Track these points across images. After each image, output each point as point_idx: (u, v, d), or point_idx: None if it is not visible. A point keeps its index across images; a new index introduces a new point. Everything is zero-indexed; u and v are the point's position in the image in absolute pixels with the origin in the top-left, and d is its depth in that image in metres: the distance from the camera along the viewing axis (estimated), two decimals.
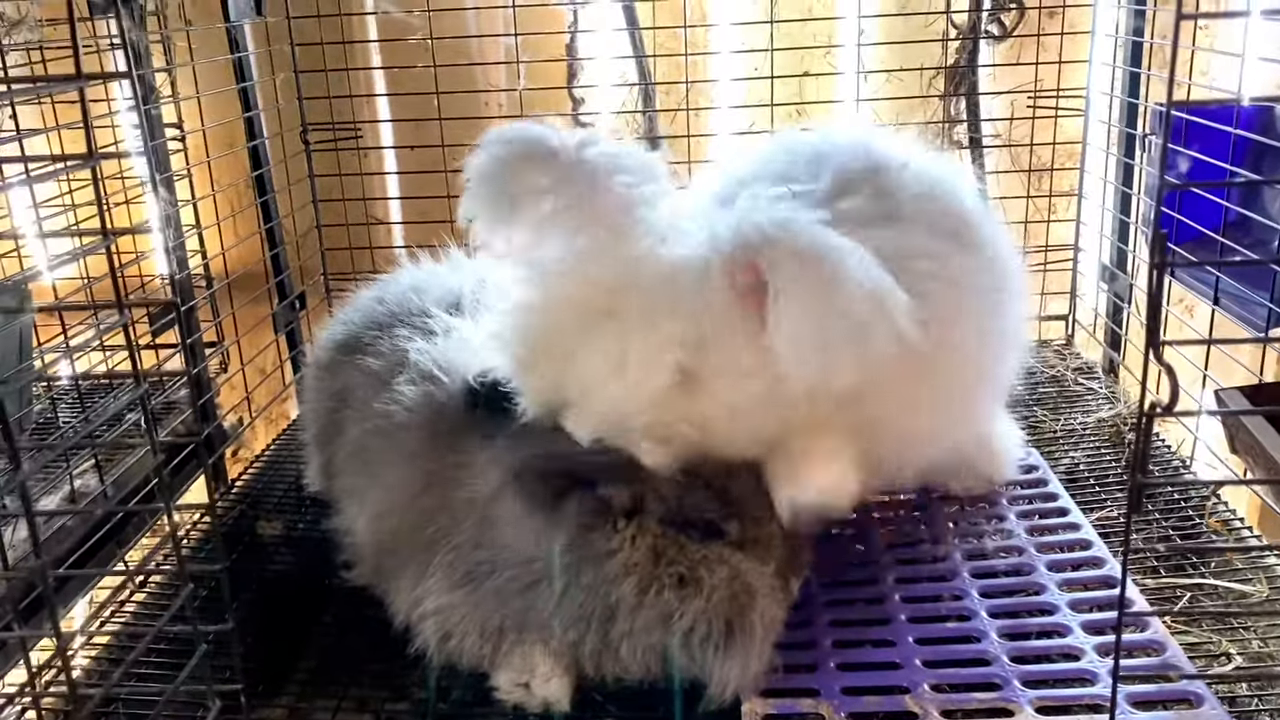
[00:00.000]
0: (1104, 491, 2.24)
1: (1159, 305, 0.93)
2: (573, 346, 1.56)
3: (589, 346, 1.54)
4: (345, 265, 3.26)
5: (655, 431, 1.57)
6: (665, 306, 1.52)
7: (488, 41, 3.20)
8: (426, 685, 1.74)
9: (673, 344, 1.51)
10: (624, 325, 1.52)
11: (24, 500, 0.98)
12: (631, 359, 1.52)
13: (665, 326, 1.51)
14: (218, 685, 1.11)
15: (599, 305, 1.54)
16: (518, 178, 1.54)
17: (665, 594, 1.59)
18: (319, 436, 2.20)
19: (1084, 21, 3.02)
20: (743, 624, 1.58)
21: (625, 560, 1.60)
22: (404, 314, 2.06)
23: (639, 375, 1.52)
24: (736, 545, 1.63)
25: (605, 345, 1.53)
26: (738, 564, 1.61)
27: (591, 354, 1.54)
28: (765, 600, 1.61)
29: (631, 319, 1.52)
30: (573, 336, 1.56)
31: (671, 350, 1.51)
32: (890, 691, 1.63)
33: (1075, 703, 1.59)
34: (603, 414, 1.57)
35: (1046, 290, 3.17)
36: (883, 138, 1.93)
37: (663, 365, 1.51)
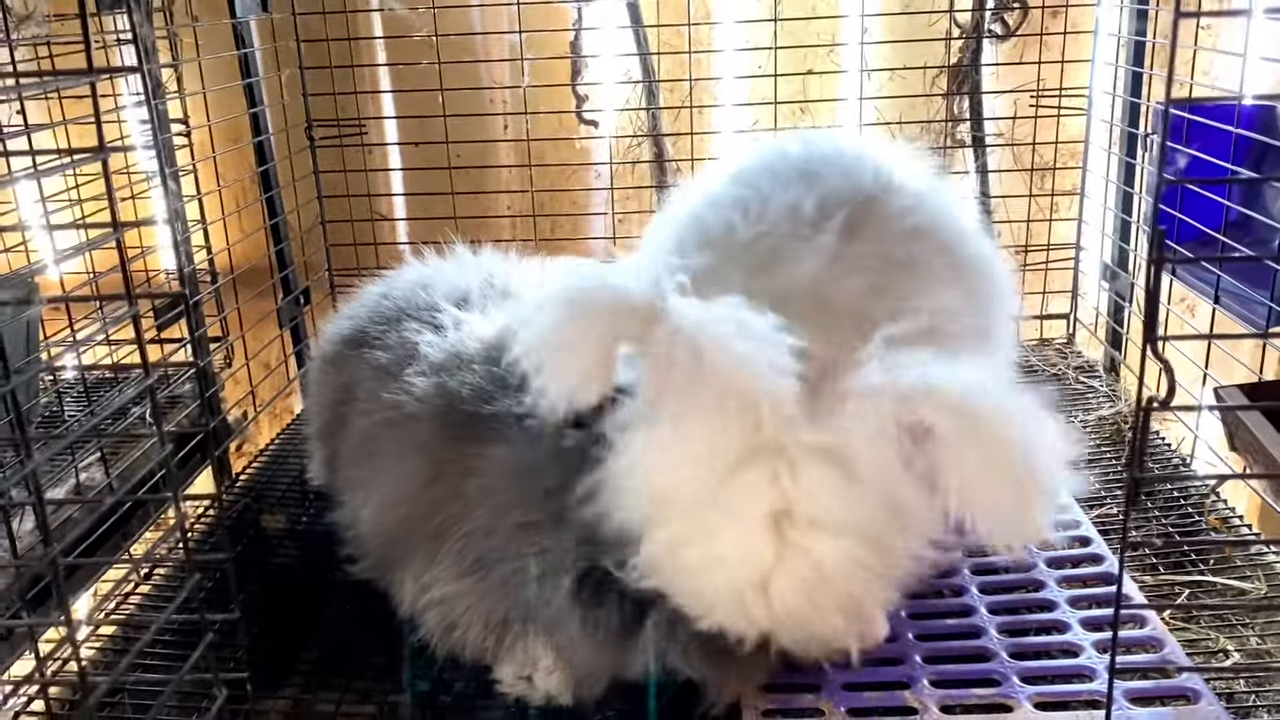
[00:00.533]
0: (1104, 489, 2.25)
1: (1156, 301, 0.94)
2: (685, 533, 1.42)
3: (694, 540, 1.42)
4: (350, 261, 3.27)
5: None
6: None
7: (492, 38, 3.21)
8: (410, 669, 1.75)
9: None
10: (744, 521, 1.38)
11: (35, 490, 0.99)
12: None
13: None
14: (223, 674, 1.13)
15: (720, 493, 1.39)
16: (588, 341, 1.39)
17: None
18: (323, 430, 2.21)
19: (1087, 21, 3.02)
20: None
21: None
22: (411, 308, 2.07)
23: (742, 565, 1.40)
24: None
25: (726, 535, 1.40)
26: None
27: (697, 548, 1.41)
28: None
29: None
30: (680, 526, 1.43)
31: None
32: (890, 687, 1.64)
33: (1074, 699, 1.60)
34: (699, 599, 1.45)
35: (1048, 289, 3.17)
36: (872, 152, 1.87)
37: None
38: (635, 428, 1.47)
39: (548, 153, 3.27)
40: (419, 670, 1.77)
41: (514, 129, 3.29)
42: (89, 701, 0.87)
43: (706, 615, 1.44)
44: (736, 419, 1.36)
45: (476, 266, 2.20)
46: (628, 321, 1.37)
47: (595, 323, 1.39)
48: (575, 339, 1.39)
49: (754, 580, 1.39)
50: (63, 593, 0.89)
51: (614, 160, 3.27)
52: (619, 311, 1.37)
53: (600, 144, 3.30)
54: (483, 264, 2.21)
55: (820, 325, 1.47)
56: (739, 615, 1.42)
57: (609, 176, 3.27)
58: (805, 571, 1.37)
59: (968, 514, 1.31)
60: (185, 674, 1.05)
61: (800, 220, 1.67)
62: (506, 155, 3.34)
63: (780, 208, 1.70)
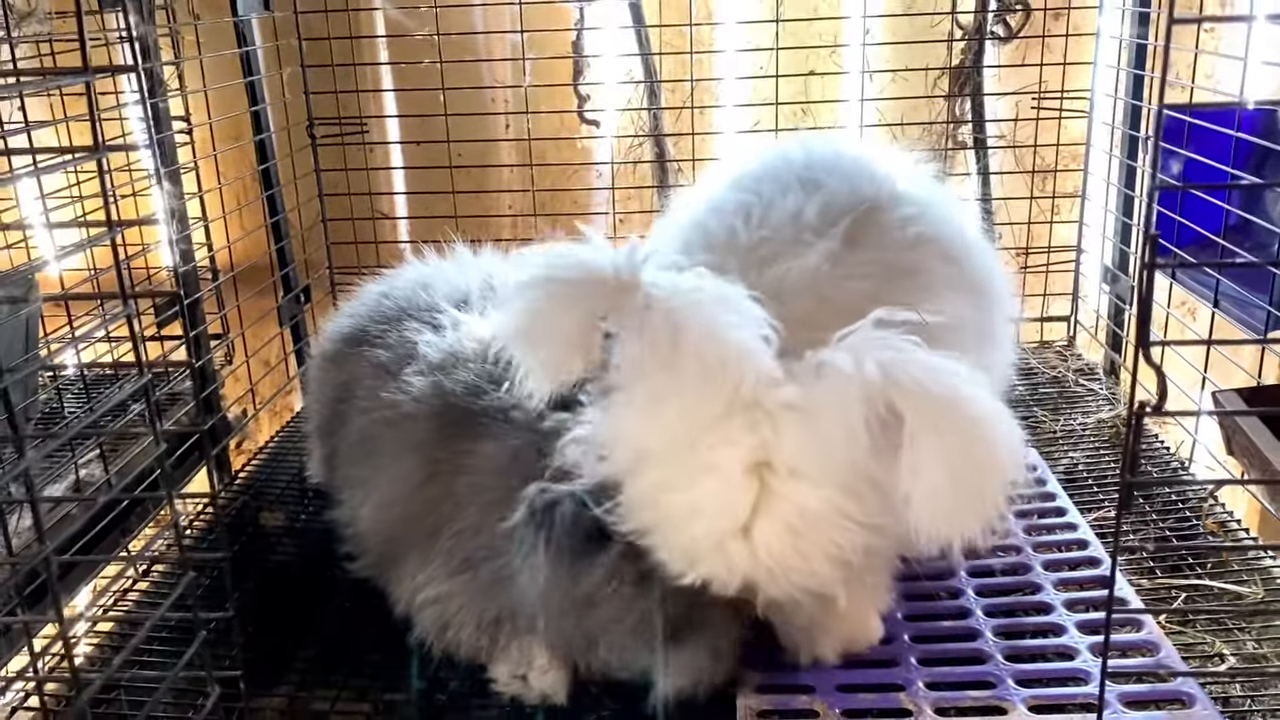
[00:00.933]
0: (1102, 492, 2.25)
1: (1149, 306, 0.94)
2: (665, 481, 1.46)
3: (676, 488, 1.45)
4: (350, 259, 3.27)
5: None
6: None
7: (494, 37, 3.21)
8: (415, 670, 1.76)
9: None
10: (728, 475, 1.41)
11: (28, 487, 0.99)
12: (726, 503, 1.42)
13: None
14: (218, 672, 1.13)
15: (699, 446, 1.43)
16: (566, 318, 1.43)
17: (624, 589, 1.58)
18: (322, 428, 2.22)
19: (1089, 24, 3.02)
20: (693, 637, 1.58)
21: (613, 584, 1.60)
22: (412, 308, 2.07)
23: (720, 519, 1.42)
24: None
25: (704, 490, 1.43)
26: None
27: (679, 496, 1.45)
28: (721, 624, 1.58)
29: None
30: (661, 474, 1.46)
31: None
32: (885, 689, 1.65)
33: (1069, 702, 1.60)
34: (683, 548, 1.47)
35: (1049, 291, 3.17)
36: (874, 158, 1.89)
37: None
38: (615, 390, 1.51)
39: (549, 152, 3.28)
40: (422, 671, 1.78)
41: (515, 128, 3.30)
42: (83, 698, 0.87)
43: (691, 567, 1.45)
44: (714, 380, 1.40)
45: (477, 267, 2.20)
46: (602, 294, 1.40)
47: (570, 298, 1.42)
48: (551, 316, 1.42)
49: (736, 528, 1.41)
50: (55, 590, 0.89)
51: (615, 160, 3.28)
52: (593, 285, 1.41)
53: (602, 144, 3.30)
54: (483, 264, 2.22)
55: (819, 328, 1.47)
56: (722, 564, 1.43)
57: (610, 176, 3.28)
58: (788, 518, 1.40)
59: (919, 498, 1.33)
60: (179, 672, 1.05)
61: (802, 226, 1.68)
62: (508, 154, 3.34)
63: (783, 214, 1.71)
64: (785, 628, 1.66)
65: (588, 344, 1.44)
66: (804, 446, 1.39)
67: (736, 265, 1.63)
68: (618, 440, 1.52)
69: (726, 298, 1.43)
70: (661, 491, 1.45)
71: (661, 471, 1.45)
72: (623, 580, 1.58)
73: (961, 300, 1.70)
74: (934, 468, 1.31)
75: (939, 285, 1.68)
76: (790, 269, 1.62)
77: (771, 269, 1.63)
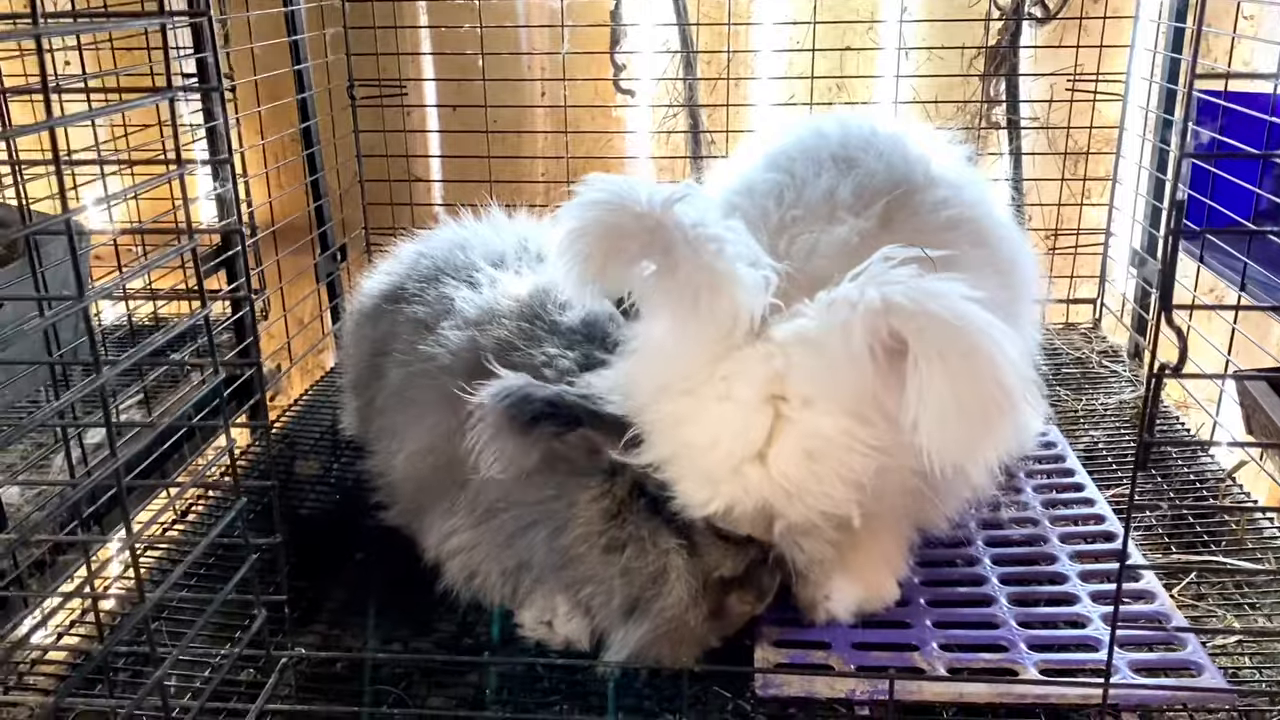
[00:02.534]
0: (1121, 469, 2.28)
1: (1173, 269, 0.97)
2: (684, 413, 1.55)
3: (694, 419, 1.54)
4: (385, 220, 3.32)
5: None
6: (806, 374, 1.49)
7: (534, 4, 3.23)
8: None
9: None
10: (739, 403, 1.51)
11: (104, 407, 1.03)
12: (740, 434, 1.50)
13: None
14: (264, 596, 1.18)
15: (715, 378, 1.53)
16: (605, 242, 1.54)
17: (593, 553, 1.64)
18: (358, 382, 2.27)
19: (1127, 6, 3.02)
20: (646, 609, 1.61)
21: (582, 510, 1.66)
22: (449, 267, 2.12)
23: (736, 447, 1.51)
24: (685, 535, 1.63)
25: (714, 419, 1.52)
26: (668, 558, 1.62)
27: (697, 425, 1.54)
28: (675, 599, 1.60)
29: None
30: (679, 405, 1.56)
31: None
32: (899, 648, 1.69)
33: (1078, 668, 1.64)
34: (702, 475, 1.55)
35: (1077, 274, 3.19)
36: (909, 139, 1.92)
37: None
38: (638, 326, 1.65)
39: (584, 120, 3.31)
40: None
41: (551, 95, 3.33)
42: (145, 607, 0.92)
43: (712, 492, 1.53)
44: (729, 312, 1.50)
45: (512, 230, 2.24)
46: (633, 223, 1.52)
47: (606, 223, 1.54)
48: (589, 236, 1.54)
49: (753, 454, 1.50)
50: (125, 503, 0.95)
51: (650, 130, 3.30)
52: (626, 214, 1.52)
53: (636, 113, 3.33)
54: (518, 227, 2.26)
55: None
56: (740, 488, 1.51)
57: (644, 146, 3.30)
58: (803, 443, 1.49)
59: (927, 422, 1.38)
60: (230, 591, 1.11)
61: (836, 204, 1.74)
62: (543, 121, 3.37)
63: (816, 192, 1.77)
64: (802, 579, 1.70)
65: (618, 268, 1.56)
66: (815, 376, 1.47)
67: (767, 241, 1.68)
68: (638, 375, 1.62)
69: (743, 238, 1.55)
70: (680, 423, 1.54)
71: (680, 404, 1.55)
72: (594, 502, 1.65)
73: (989, 283, 1.69)
74: (939, 390, 1.36)
75: (968, 268, 1.68)
76: (820, 239, 1.67)
77: (802, 239, 1.68)
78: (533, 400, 1.61)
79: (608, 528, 1.65)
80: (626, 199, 1.53)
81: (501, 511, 1.76)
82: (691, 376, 1.54)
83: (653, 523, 1.64)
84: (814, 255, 1.66)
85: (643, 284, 1.56)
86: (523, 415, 1.60)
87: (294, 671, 1.55)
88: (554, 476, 1.69)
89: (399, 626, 1.84)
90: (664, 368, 1.57)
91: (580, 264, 1.55)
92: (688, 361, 1.54)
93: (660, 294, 1.55)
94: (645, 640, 1.61)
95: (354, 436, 2.37)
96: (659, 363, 1.59)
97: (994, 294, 1.71)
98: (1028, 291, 1.98)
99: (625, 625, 1.64)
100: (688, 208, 1.53)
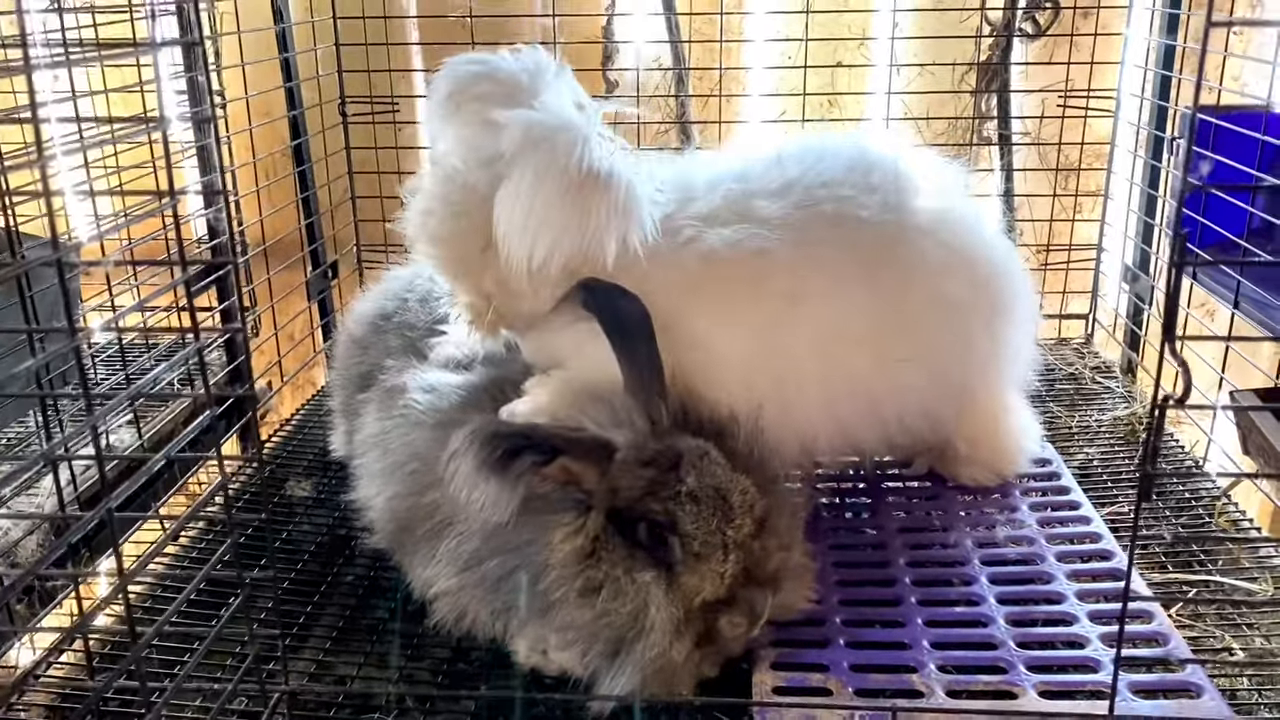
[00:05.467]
0: (1116, 487, 2.28)
1: (1176, 303, 0.97)
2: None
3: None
4: (377, 237, 3.31)
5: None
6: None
7: (525, 21, 3.23)
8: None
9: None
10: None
11: (95, 442, 1.02)
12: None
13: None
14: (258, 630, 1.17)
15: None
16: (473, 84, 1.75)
17: (570, 596, 1.61)
18: (345, 406, 2.26)
19: (1118, 23, 3.03)
20: (630, 650, 1.58)
21: (556, 550, 1.63)
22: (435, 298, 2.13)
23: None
24: (665, 566, 1.61)
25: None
26: (647, 592, 1.59)
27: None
28: (657, 636, 1.58)
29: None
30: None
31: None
32: (898, 670, 1.68)
33: (1078, 689, 1.63)
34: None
35: (1068, 289, 3.19)
36: (897, 159, 1.98)
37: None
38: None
39: None
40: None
41: None
42: (141, 648, 0.91)
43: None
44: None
45: None
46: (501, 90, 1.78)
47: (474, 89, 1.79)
48: (461, 96, 1.78)
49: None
50: (118, 541, 0.93)
51: (641, 148, 3.29)
52: (494, 81, 1.79)
53: (628, 130, 3.32)
54: None
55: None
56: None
57: None
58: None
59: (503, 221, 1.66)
60: (221, 627, 1.09)
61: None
62: None
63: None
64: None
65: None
66: None
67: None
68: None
69: (597, 151, 1.67)
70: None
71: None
72: (569, 539, 1.62)
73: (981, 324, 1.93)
74: (508, 187, 1.66)
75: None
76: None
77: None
78: (504, 435, 1.59)
79: (582, 568, 1.61)
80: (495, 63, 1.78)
81: (485, 559, 1.73)
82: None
83: (628, 558, 1.61)
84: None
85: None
86: (497, 452, 1.56)
87: (289, 702, 1.53)
88: (530, 519, 1.65)
89: (391, 652, 1.82)
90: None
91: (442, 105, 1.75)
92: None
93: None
94: (632, 683, 1.58)
95: (343, 458, 2.35)
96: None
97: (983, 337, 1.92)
98: (1025, 331, 2.06)
99: (611, 668, 1.60)
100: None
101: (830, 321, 1.83)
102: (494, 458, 1.55)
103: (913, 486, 2.27)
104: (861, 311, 1.84)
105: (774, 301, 1.80)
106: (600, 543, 1.62)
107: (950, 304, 1.90)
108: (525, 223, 1.61)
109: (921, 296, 1.88)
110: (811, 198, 1.85)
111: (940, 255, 1.89)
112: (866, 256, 1.86)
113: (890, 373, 1.87)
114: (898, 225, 1.88)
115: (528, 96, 1.73)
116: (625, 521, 1.63)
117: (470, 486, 1.56)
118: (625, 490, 1.63)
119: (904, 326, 1.87)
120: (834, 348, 1.83)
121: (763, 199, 1.84)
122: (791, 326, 1.81)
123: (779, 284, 1.80)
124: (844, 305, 1.83)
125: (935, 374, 1.93)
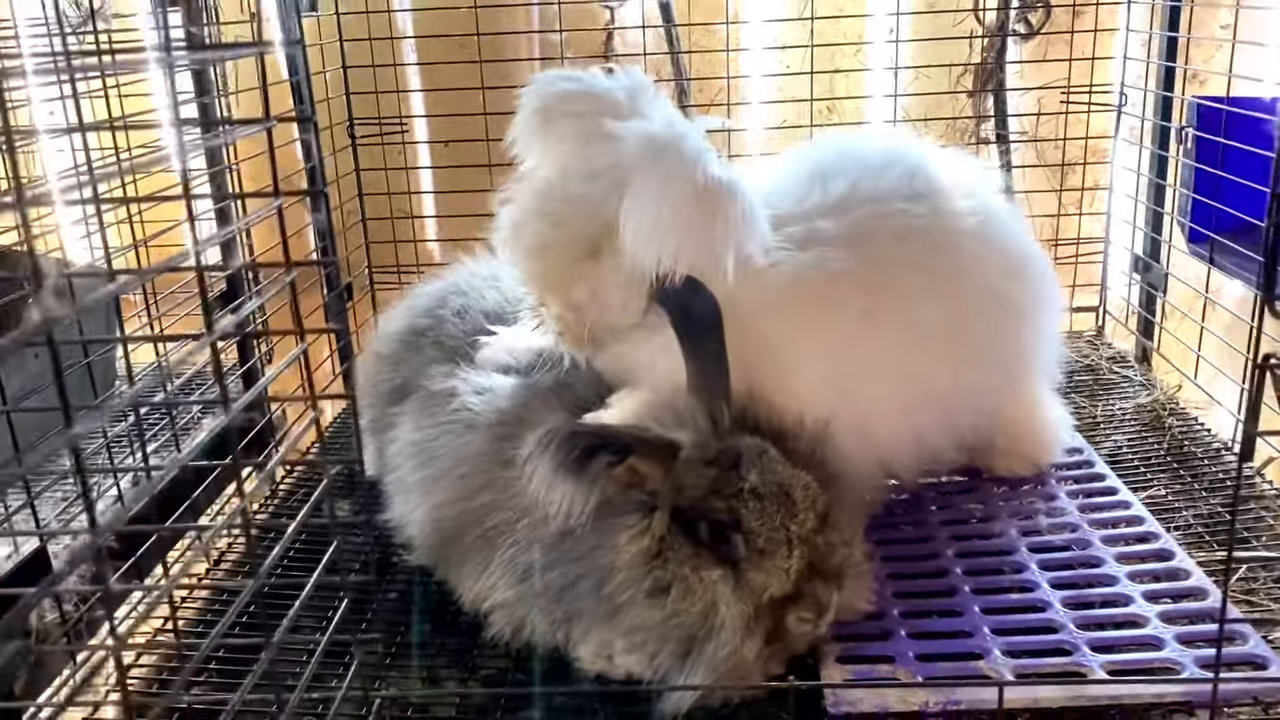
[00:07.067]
0: (1149, 472, 2.30)
1: (1276, 261, 0.99)
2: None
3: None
4: (389, 258, 3.30)
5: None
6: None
7: (524, 38, 3.25)
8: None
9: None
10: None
11: (144, 458, 1.02)
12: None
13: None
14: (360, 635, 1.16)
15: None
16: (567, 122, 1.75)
17: (639, 598, 1.61)
18: (375, 424, 2.23)
19: (1108, 19, 3.08)
20: (701, 650, 1.58)
21: (623, 552, 1.62)
22: (474, 309, 2.12)
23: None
24: (731, 564, 1.61)
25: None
26: (715, 590, 1.59)
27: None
28: (728, 634, 1.58)
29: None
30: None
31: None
32: (964, 658, 1.69)
33: (1144, 666, 1.64)
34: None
35: (1076, 283, 3.23)
36: (932, 162, 2.02)
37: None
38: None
39: None
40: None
41: None
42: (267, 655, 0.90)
43: None
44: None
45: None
46: (598, 108, 1.77)
47: (573, 108, 1.79)
48: (557, 114, 1.79)
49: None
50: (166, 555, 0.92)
51: None
52: (594, 100, 1.79)
53: None
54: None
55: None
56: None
57: None
58: None
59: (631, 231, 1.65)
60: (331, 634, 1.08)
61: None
62: None
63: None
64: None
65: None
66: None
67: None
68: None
69: (716, 163, 1.67)
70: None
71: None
72: (634, 541, 1.62)
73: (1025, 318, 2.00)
74: (633, 199, 1.64)
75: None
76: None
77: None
78: (581, 435, 1.59)
79: (650, 569, 1.61)
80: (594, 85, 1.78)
81: (546, 570, 1.71)
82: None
83: (695, 556, 1.61)
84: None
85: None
86: (574, 452, 1.56)
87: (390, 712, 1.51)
88: (595, 525, 1.64)
89: (448, 668, 1.80)
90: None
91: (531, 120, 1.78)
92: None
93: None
94: (705, 682, 1.57)
95: (374, 478, 2.33)
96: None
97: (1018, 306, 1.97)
98: (1047, 298, 2.09)
99: (683, 668, 1.60)
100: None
101: (903, 335, 1.86)
102: (571, 458, 1.55)
103: (945, 481, 2.28)
104: (928, 321, 1.87)
105: (853, 322, 1.83)
106: (666, 543, 1.62)
107: (999, 301, 1.95)
108: (654, 229, 1.60)
109: (976, 297, 1.93)
110: (869, 214, 1.88)
111: (985, 255, 1.94)
112: (927, 266, 1.89)
113: (959, 377, 1.91)
114: (946, 230, 1.92)
115: (627, 114, 1.73)
116: (688, 521, 1.63)
117: (548, 488, 1.56)
118: (689, 489, 1.63)
119: (964, 328, 1.92)
120: (908, 360, 1.87)
121: (823, 219, 1.86)
122: (869, 345, 1.84)
123: (857, 304, 1.82)
124: (914, 317, 1.87)
125: (994, 371, 1.98)
